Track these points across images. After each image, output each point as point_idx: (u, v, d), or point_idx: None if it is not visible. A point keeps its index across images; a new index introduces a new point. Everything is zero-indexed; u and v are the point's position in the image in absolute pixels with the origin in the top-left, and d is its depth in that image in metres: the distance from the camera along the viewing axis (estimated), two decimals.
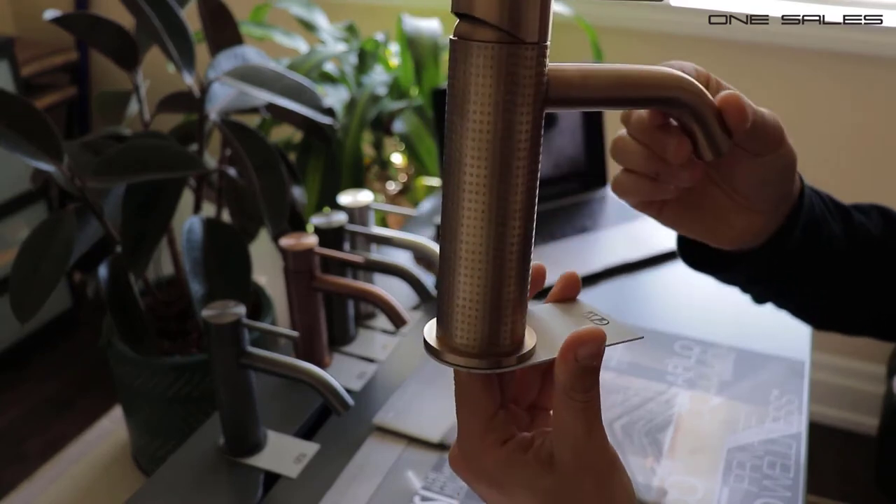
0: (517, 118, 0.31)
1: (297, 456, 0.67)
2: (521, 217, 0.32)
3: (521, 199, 0.32)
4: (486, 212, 0.32)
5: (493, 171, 0.31)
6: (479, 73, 0.31)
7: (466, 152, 0.31)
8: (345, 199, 0.83)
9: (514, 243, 0.33)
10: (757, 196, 0.46)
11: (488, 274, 0.33)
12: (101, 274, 0.88)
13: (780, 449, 0.68)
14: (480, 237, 0.32)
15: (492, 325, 0.34)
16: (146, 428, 0.98)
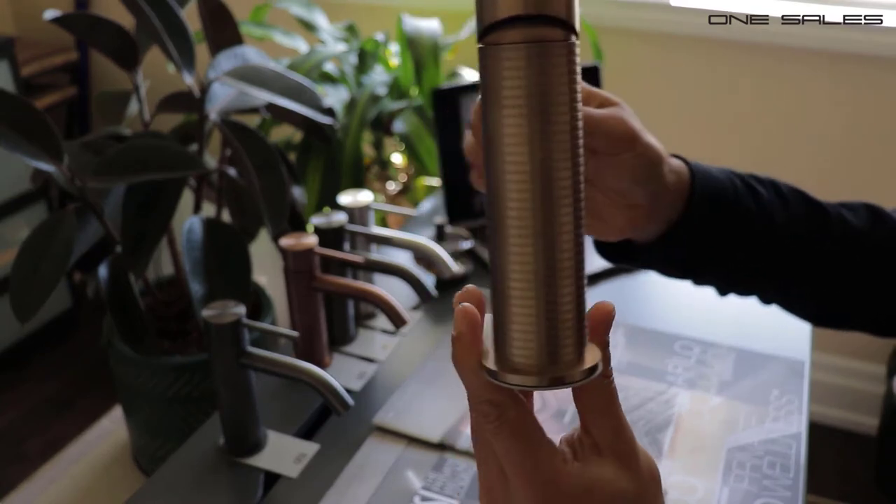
0: (578, 110, 0.31)
1: (297, 456, 0.67)
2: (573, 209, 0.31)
3: (572, 186, 0.31)
4: (534, 200, 0.30)
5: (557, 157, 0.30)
6: (561, 73, 0.30)
7: (553, 154, 0.30)
8: (345, 199, 0.83)
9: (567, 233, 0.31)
10: (630, 192, 0.48)
11: (540, 271, 0.31)
12: (101, 274, 0.88)
13: (780, 449, 0.68)
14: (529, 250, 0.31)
15: (550, 338, 0.32)
16: (146, 428, 0.98)
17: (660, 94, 1.67)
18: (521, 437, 0.33)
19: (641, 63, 1.65)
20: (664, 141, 0.52)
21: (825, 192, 0.77)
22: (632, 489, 0.34)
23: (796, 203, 0.57)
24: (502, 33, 0.30)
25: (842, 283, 0.58)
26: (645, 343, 0.82)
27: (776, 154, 1.63)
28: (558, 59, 0.30)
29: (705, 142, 1.67)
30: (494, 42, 0.30)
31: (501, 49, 0.30)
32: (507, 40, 0.29)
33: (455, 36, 1.55)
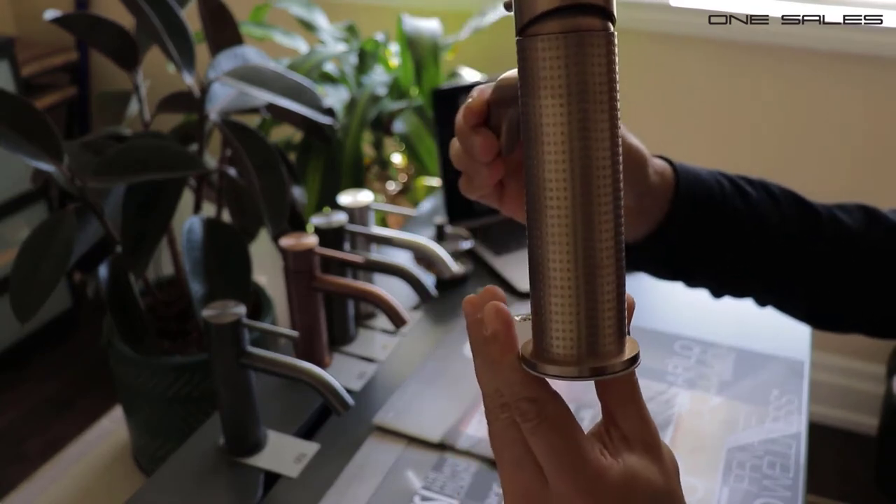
0: (616, 99, 0.31)
1: (297, 456, 0.67)
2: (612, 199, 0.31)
3: (612, 179, 0.31)
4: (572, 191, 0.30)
5: (596, 146, 0.30)
6: (600, 62, 0.31)
7: (592, 143, 0.30)
8: (345, 199, 0.83)
9: (607, 229, 0.31)
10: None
11: (581, 261, 0.30)
12: (101, 274, 0.88)
13: (780, 449, 0.68)
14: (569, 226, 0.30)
15: (591, 328, 0.31)
16: (146, 428, 0.98)
17: (660, 94, 1.67)
18: (564, 433, 0.32)
19: (641, 63, 1.65)
20: (664, 140, 0.53)
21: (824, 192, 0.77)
22: (662, 481, 0.34)
23: (788, 204, 0.57)
24: (541, 25, 0.30)
25: (835, 283, 0.58)
26: (645, 343, 0.82)
27: (776, 154, 1.63)
28: (598, 49, 0.31)
29: (704, 141, 1.67)
30: (534, 34, 0.30)
31: (540, 39, 0.30)
32: (547, 31, 0.30)
33: (455, 36, 1.55)
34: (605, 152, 0.30)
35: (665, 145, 1.75)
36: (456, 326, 0.85)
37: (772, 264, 0.57)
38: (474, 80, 1.15)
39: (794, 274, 0.57)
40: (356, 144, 1.35)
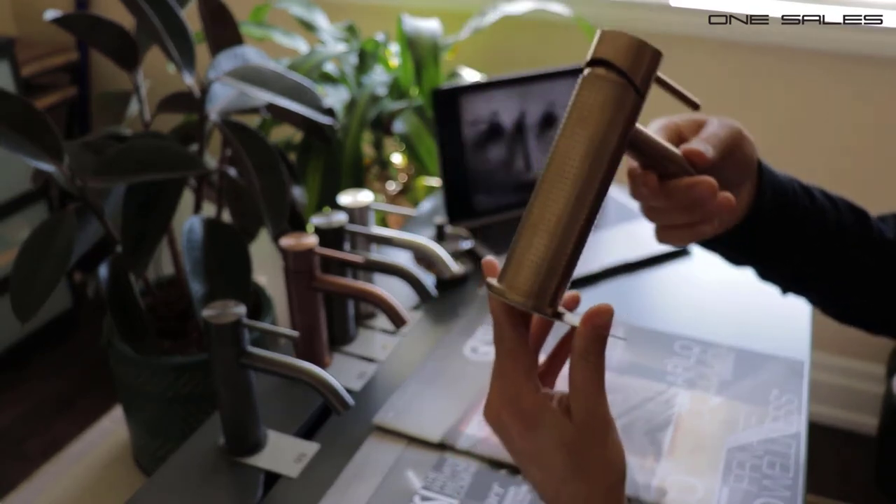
0: (617, 136, 0.42)
1: (298, 455, 0.67)
2: (594, 203, 0.43)
3: (599, 189, 0.43)
4: (573, 187, 0.42)
5: (589, 165, 0.42)
6: (621, 109, 0.43)
7: (575, 152, 0.42)
8: (345, 199, 0.83)
9: (584, 219, 0.43)
10: (743, 175, 0.56)
11: (560, 236, 0.42)
12: (101, 274, 0.88)
13: (780, 449, 0.68)
14: (562, 205, 0.42)
15: (546, 279, 0.42)
16: (146, 428, 0.98)
17: (660, 93, 1.67)
18: (507, 355, 0.44)
19: None
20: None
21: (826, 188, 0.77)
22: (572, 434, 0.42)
23: (844, 208, 0.62)
24: (599, 67, 0.42)
25: (877, 288, 0.62)
26: (645, 343, 0.82)
27: (776, 153, 1.63)
28: (625, 102, 0.42)
29: None
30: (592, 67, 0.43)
31: (595, 73, 0.43)
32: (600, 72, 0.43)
33: (455, 36, 1.56)
34: (611, 164, 0.43)
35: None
36: (456, 326, 0.85)
37: (830, 267, 0.62)
38: (474, 80, 1.15)
39: (848, 279, 0.62)
40: (356, 144, 1.35)
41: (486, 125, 1.04)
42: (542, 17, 1.57)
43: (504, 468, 0.66)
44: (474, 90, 1.03)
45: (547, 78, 1.07)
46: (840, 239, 0.61)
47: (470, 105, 1.03)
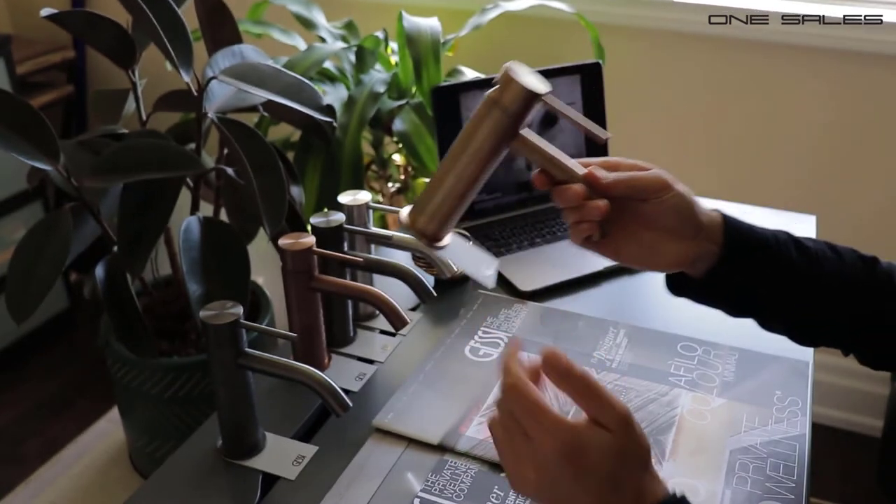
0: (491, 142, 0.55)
1: (296, 458, 0.67)
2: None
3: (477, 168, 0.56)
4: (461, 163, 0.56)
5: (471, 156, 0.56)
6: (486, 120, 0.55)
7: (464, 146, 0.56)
8: (344, 198, 0.82)
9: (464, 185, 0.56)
10: (677, 226, 0.59)
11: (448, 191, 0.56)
12: (98, 274, 0.88)
13: (783, 451, 0.67)
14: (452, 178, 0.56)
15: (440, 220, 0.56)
16: (144, 429, 0.98)
17: (661, 92, 1.66)
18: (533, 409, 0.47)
19: (643, 61, 1.65)
20: (664, 138, 0.54)
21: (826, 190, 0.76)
22: (611, 439, 0.46)
23: (849, 255, 0.63)
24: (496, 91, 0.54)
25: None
26: (647, 344, 0.81)
27: (777, 152, 1.63)
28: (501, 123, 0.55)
29: (705, 139, 1.67)
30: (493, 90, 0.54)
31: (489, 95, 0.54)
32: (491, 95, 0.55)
33: (455, 34, 1.55)
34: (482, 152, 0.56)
35: (665, 143, 1.74)
36: (456, 327, 0.85)
37: (839, 314, 0.62)
38: (474, 78, 1.14)
39: (865, 326, 0.62)
40: (355, 143, 1.34)
41: None
42: (542, 13, 1.57)
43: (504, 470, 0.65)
44: (474, 88, 1.02)
45: (547, 75, 1.06)
46: (846, 288, 0.61)
47: (470, 103, 1.02)
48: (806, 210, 1.13)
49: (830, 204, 1.59)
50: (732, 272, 0.60)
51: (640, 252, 0.60)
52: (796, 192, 1.62)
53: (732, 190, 1.62)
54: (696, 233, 0.59)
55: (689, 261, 0.60)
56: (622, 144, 1.37)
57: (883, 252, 0.66)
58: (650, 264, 0.61)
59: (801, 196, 1.62)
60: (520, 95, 0.52)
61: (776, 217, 1.11)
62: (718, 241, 0.60)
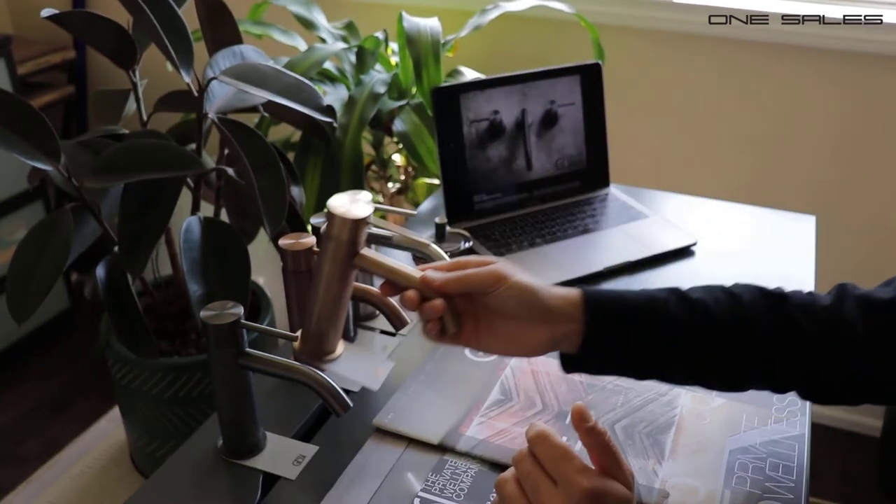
0: (337, 268, 0.60)
1: (297, 457, 0.67)
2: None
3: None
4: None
5: (325, 281, 0.60)
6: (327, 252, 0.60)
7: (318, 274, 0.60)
8: None
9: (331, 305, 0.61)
10: (521, 315, 0.60)
11: (318, 316, 0.61)
12: (98, 274, 0.88)
13: (783, 451, 0.67)
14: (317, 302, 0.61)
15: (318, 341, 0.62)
16: (144, 429, 0.98)
17: (661, 92, 1.66)
18: (557, 447, 0.50)
19: (643, 61, 1.65)
20: (664, 138, 0.53)
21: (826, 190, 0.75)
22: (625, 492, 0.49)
23: (751, 296, 0.62)
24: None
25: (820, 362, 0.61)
26: None
27: (776, 152, 1.63)
28: (338, 252, 0.60)
29: (705, 139, 1.67)
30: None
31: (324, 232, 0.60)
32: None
33: (455, 34, 1.55)
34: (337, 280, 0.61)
35: (665, 142, 1.74)
36: None
37: (746, 357, 0.61)
38: (474, 79, 1.15)
39: (779, 360, 0.61)
40: (356, 143, 1.34)
41: (486, 124, 1.04)
42: (542, 14, 1.57)
43: (504, 470, 0.65)
44: (474, 88, 1.02)
45: (547, 76, 1.07)
46: (744, 330, 0.60)
47: (470, 103, 1.02)
48: (806, 210, 1.13)
49: (831, 204, 1.59)
50: (603, 345, 0.61)
51: (499, 341, 0.61)
52: (796, 192, 1.62)
53: (732, 190, 1.62)
54: (545, 317, 0.60)
55: (548, 344, 0.61)
56: (622, 144, 1.38)
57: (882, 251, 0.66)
58: (512, 351, 0.62)
59: (800, 196, 1.62)
60: (345, 226, 0.59)
61: (776, 217, 1.11)
62: (579, 319, 0.60)
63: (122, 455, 1.05)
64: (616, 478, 0.50)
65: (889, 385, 0.61)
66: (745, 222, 1.11)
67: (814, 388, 0.62)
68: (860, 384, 0.61)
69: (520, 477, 0.51)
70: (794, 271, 0.95)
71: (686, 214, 1.10)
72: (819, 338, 0.60)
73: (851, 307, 0.61)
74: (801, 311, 0.61)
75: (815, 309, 0.61)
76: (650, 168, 1.71)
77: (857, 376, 0.61)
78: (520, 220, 1.05)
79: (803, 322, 0.60)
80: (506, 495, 0.51)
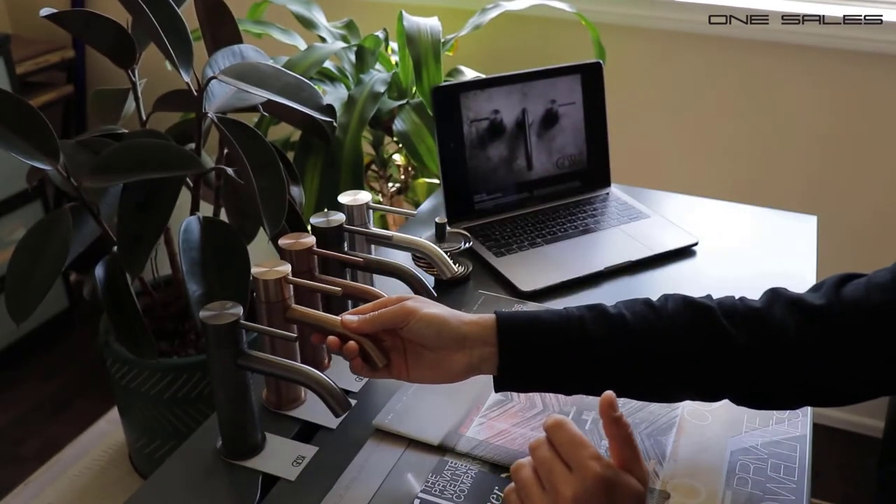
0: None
1: (296, 458, 0.67)
2: None
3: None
4: None
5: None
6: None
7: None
8: (344, 198, 0.82)
9: None
10: (437, 344, 0.63)
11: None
12: (97, 274, 0.88)
13: (784, 451, 0.67)
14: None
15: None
16: (143, 429, 0.98)
17: (661, 92, 1.66)
18: (575, 435, 0.51)
19: (643, 61, 1.65)
20: (664, 138, 0.52)
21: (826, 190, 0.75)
22: (639, 487, 0.50)
23: (673, 308, 0.63)
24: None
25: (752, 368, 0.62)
26: None
27: (777, 152, 1.63)
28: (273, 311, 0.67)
29: (705, 139, 1.67)
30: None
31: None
32: None
33: (455, 34, 1.55)
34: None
35: (664, 141, 1.74)
36: None
37: (670, 367, 0.62)
38: (474, 78, 1.14)
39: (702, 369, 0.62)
40: (355, 143, 1.34)
41: (486, 123, 1.03)
42: (542, 13, 1.57)
43: (504, 471, 0.65)
44: (474, 88, 1.02)
45: (548, 75, 1.06)
46: (668, 340, 0.62)
47: (470, 103, 1.02)
48: (806, 210, 1.12)
49: (830, 204, 1.59)
50: (520, 366, 0.63)
51: (425, 370, 0.64)
52: (796, 192, 1.62)
53: (732, 190, 1.62)
54: (460, 344, 0.63)
55: (467, 368, 0.63)
56: (623, 144, 1.37)
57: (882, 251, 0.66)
58: (437, 378, 0.64)
59: (800, 196, 1.62)
60: (273, 286, 0.67)
61: (777, 217, 1.11)
62: (493, 342, 0.63)
63: (121, 455, 1.04)
64: (632, 472, 0.50)
65: (823, 391, 0.63)
66: (745, 222, 1.11)
67: (744, 394, 0.64)
68: (793, 389, 0.63)
69: (535, 463, 0.52)
70: (794, 271, 0.95)
71: (687, 214, 1.10)
72: (749, 344, 0.61)
73: (783, 312, 0.62)
74: (728, 319, 0.62)
75: (744, 314, 0.62)
76: (651, 168, 1.70)
77: (789, 381, 0.62)
78: (520, 219, 1.05)
79: (731, 330, 0.62)
80: (520, 480, 0.52)
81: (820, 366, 0.61)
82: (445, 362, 0.63)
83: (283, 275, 0.67)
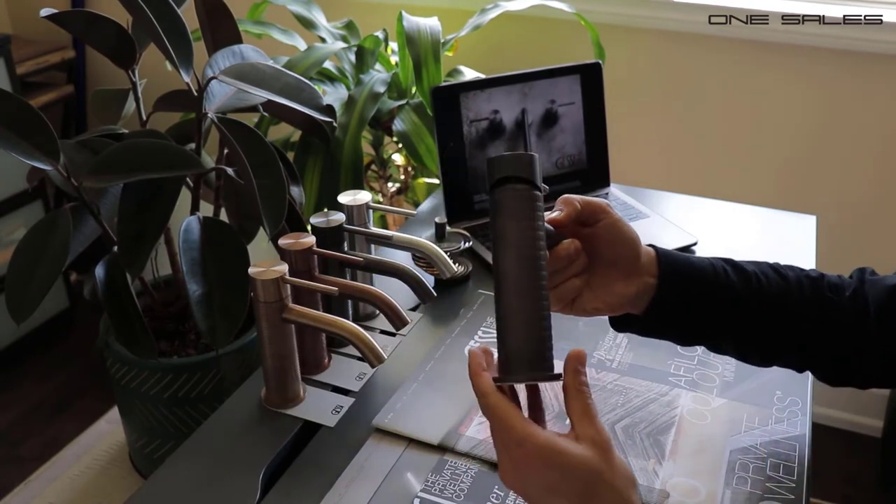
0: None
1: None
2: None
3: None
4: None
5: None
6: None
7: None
8: (344, 198, 0.82)
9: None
10: (615, 258, 0.61)
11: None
12: (97, 274, 0.88)
13: (784, 451, 0.67)
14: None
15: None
16: (143, 429, 0.98)
17: (661, 92, 1.66)
18: (496, 413, 0.50)
19: (643, 61, 1.65)
20: (664, 138, 0.53)
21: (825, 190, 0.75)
22: (590, 456, 0.48)
23: (796, 276, 0.64)
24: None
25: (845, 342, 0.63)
26: (647, 344, 0.81)
27: (777, 152, 1.63)
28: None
29: (705, 139, 1.67)
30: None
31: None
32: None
33: (455, 34, 1.55)
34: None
35: (665, 141, 1.74)
36: (456, 327, 0.85)
37: (785, 332, 0.63)
38: (474, 78, 1.15)
39: (809, 339, 0.63)
40: (355, 143, 1.34)
41: (486, 123, 1.03)
42: (542, 13, 1.57)
43: None
44: (474, 88, 1.02)
45: (547, 75, 1.07)
46: (788, 306, 0.62)
47: (470, 103, 1.02)
48: (805, 210, 1.13)
49: (830, 203, 1.59)
50: (670, 305, 0.62)
51: (596, 299, 0.62)
52: (795, 192, 1.62)
53: (732, 190, 1.62)
54: (635, 265, 0.61)
55: (635, 297, 0.62)
56: (622, 144, 1.37)
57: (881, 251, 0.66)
58: (603, 308, 0.62)
59: (800, 196, 1.62)
60: (269, 286, 0.67)
61: (777, 217, 1.11)
62: (654, 274, 0.61)
63: (121, 455, 1.05)
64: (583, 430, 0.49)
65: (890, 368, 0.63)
66: (745, 222, 1.11)
67: (830, 368, 0.64)
68: (870, 366, 0.63)
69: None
70: None
71: (686, 214, 1.10)
72: (844, 319, 0.62)
73: (870, 290, 0.63)
74: (833, 293, 0.63)
75: (844, 291, 0.63)
76: (651, 167, 1.71)
77: (868, 358, 0.63)
78: None
79: (836, 303, 0.62)
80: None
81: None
82: (614, 287, 0.61)
83: (280, 275, 0.68)
